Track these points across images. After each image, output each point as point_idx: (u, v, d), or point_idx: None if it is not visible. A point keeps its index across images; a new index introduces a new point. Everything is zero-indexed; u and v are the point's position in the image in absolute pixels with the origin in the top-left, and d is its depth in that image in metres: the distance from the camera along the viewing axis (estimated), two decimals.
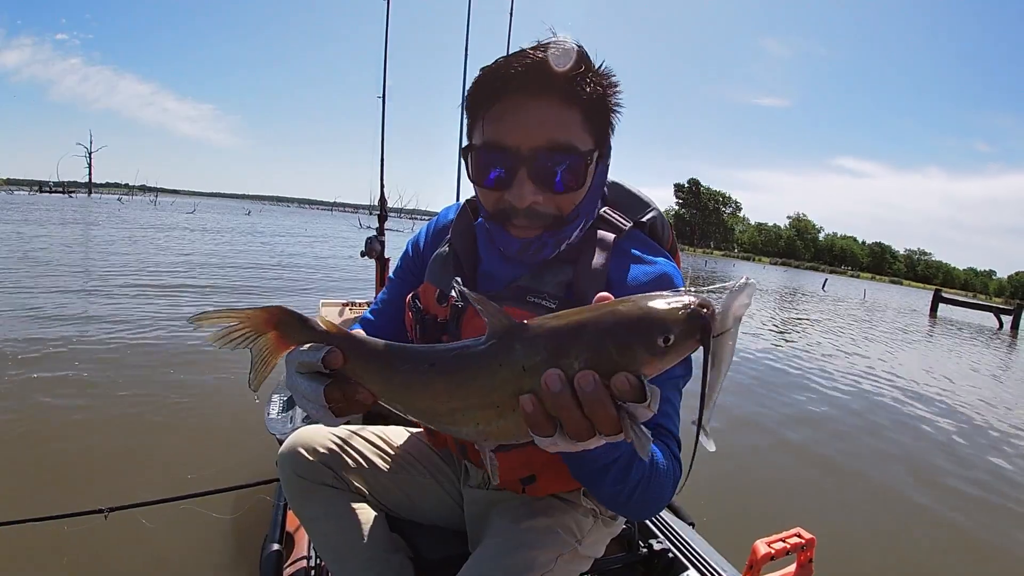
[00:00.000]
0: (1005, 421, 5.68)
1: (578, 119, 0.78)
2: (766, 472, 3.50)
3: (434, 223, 1.09)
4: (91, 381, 3.85)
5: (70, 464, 2.75)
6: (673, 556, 1.46)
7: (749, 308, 0.57)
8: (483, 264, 0.95)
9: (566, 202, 0.82)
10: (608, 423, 0.51)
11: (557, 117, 0.77)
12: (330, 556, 1.06)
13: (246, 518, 2.19)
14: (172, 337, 5.14)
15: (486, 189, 0.83)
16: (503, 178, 0.80)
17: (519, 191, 0.79)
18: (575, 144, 0.78)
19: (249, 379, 0.65)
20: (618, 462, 0.70)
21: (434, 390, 0.58)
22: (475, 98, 0.81)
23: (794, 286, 33.11)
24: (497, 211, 0.84)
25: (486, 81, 0.79)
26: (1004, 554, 2.91)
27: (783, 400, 5.18)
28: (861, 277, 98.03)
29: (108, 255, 10.72)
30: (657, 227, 0.98)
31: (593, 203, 0.88)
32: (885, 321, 15.29)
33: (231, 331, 0.62)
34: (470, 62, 3.28)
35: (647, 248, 0.91)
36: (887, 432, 4.63)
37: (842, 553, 2.61)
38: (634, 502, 0.74)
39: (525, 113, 0.77)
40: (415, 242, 1.09)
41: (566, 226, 0.84)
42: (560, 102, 0.77)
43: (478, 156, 0.82)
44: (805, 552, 1.30)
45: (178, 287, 7.87)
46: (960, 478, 3.84)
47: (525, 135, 0.77)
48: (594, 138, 0.81)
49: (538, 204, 0.80)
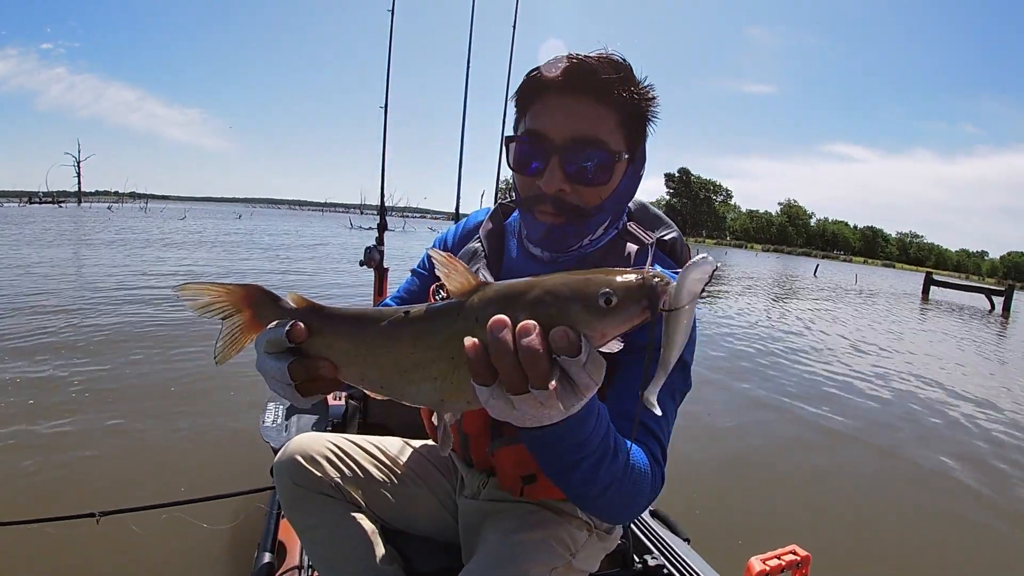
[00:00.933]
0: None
1: (612, 120, 0.85)
2: (762, 488, 3.45)
3: (463, 224, 1.16)
4: (84, 387, 3.85)
5: (62, 469, 2.75)
6: (668, 572, 1.46)
7: (709, 286, 0.57)
8: (510, 260, 1.03)
9: (591, 195, 0.88)
10: (539, 375, 0.53)
11: (592, 114, 0.84)
12: (323, 565, 1.07)
13: (239, 526, 2.19)
14: (166, 343, 5.15)
15: (522, 175, 0.91)
16: (538, 165, 0.88)
17: (550, 177, 0.86)
18: (605, 141, 0.85)
19: (215, 350, 0.68)
20: (585, 460, 0.70)
21: (400, 342, 0.61)
22: (522, 94, 0.90)
23: (787, 273, 33.23)
24: (528, 196, 0.91)
25: (533, 79, 0.88)
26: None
27: (780, 411, 5.04)
28: (854, 261, 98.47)
29: (106, 266, 10.67)
30: (677, 247, 1.03)
31: (619, 204, 0.94)
32: (878, 310, 15.21)
33: (210, 302, 0.66)
34: (471, 69, 3.37)
35: (664, 264, 0.95)
36: (886, 446, 4.45)
37: (838, 571, 2.58)
38: (605, 501, 0.75)
39: (563, 108, 0.85)
40: (443, 240, 1.16)
41: (588, 219, 0.90)
42: (596, 102, 0.84)
43: (518, 145, 0.90)
44: (800, 569, 1.30)
45: (171, 296, 7.80)
46: (966, 493, 3.71)
47: (560, 127, 0.85)
48: (626, 142, 0.88)
49: (564, 193, 0.87)
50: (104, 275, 9.26)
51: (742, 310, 11.93)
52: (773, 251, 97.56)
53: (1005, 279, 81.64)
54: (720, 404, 5.00)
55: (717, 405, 4.94)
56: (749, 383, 5.85)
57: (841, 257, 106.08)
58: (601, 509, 0.79)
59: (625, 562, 1.41)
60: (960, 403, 5.96)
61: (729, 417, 4.75)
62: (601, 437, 0.70)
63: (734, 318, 10.46)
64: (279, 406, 1.98)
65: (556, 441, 0.67)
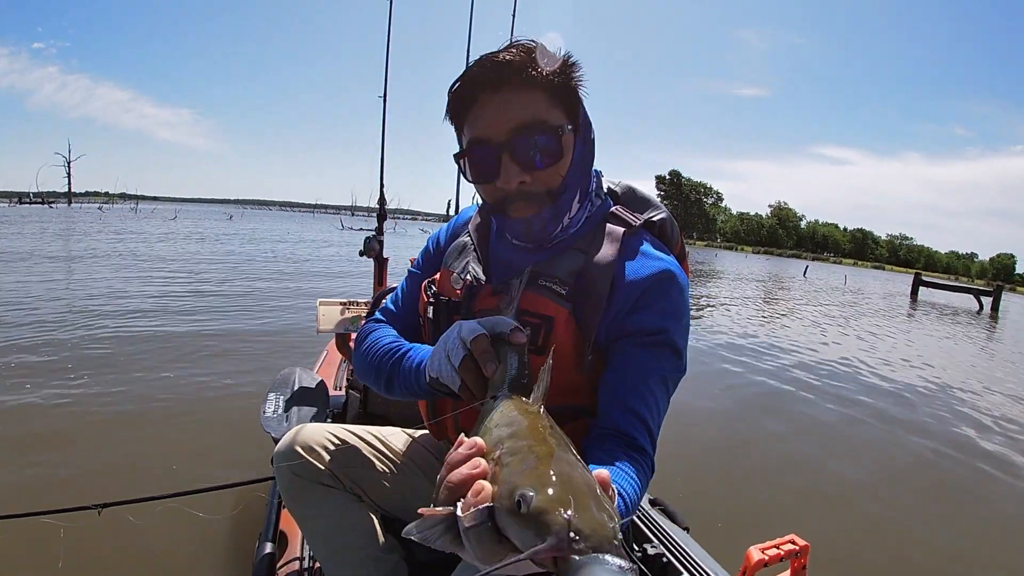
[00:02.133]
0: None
1: (542, 99, 0.85)
2: (761, 477, 3.49)
3: (454, 221, 1.16)
4: (85, 379, 3.86)
5: (64, 460, 2.76)
6: (667, 561, 1.46)
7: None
8: (496, 251, 1.02)
9: (550, 177, 0.88)
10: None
11: (520, 101, 0.84)
12: (324, 555, 1.07)
13: (240, 516, 2.19)
14: (166, 335, 5.17)
15: (481, 184, 0.91)
16: (491, 168, 0.87)
17: (506, 175, 0.86)
18: (544, 120, 0.85)
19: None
20: None
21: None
22: (453, 111, 0.91)
23: (777, 274, 33.39)
24: (496, 201, 0.91)
25: (456, 93, 0.89)
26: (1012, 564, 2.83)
27: (781, 405, 5.07)
28: (844, 263, 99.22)
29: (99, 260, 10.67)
30: (667, 228, 1.02)
31: (582, 175, 0.93)
32: (867, 313, 15.20)
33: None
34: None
35: (653, 245, 0.95)
36: (885, 437, 4.50)
37: (837, 560, 2.59)
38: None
39: (492, 106, 0.85)
40: (436, 238, 1.16)
41: (559, 198, 0.89)
42: (520, 88, 0.84)
43: (468, 158, 0.90)
44: (799, 559, 1.29)
45: (171, 290, 7.84)
46: (964, 484, 3.75)
47: (497, 124, 0.85)
48: (564, 113, 0.87)
49: (526, 184, 0.87)
50: (111, 265, 9.32)
51: (735, 306, 12.05)
52: (763, 253, 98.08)
53: (995, 280, 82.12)
54: (718, 393, 5.09)
55: (715, 393, 5.03)
56: (748, 373, 5.96)
57: (831, 259, 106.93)
58: None
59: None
60: (955, 396, 6.13)
61: (728, 406, 4.81)
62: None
63: (726, 314, 10.59)
64: (279, 397, 1.97)
65: None
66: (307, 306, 7.02)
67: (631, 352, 0.86)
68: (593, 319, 0.86)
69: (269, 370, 3.91)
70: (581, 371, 0.88)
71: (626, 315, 0.86)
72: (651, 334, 0.86)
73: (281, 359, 4.54)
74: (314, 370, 2.55)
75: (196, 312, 6.51)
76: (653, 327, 0.86)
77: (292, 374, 2.05)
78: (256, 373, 4.25)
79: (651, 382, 0.85)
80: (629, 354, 0.86)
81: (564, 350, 0.85)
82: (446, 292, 0.99)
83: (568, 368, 0.87)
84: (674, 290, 0.88)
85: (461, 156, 0.91)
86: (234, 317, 6.42)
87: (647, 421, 0.85)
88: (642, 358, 0.85)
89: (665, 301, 0.87)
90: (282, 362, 4.07)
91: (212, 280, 9.20)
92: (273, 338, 5.54)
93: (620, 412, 0.84)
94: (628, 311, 0.86)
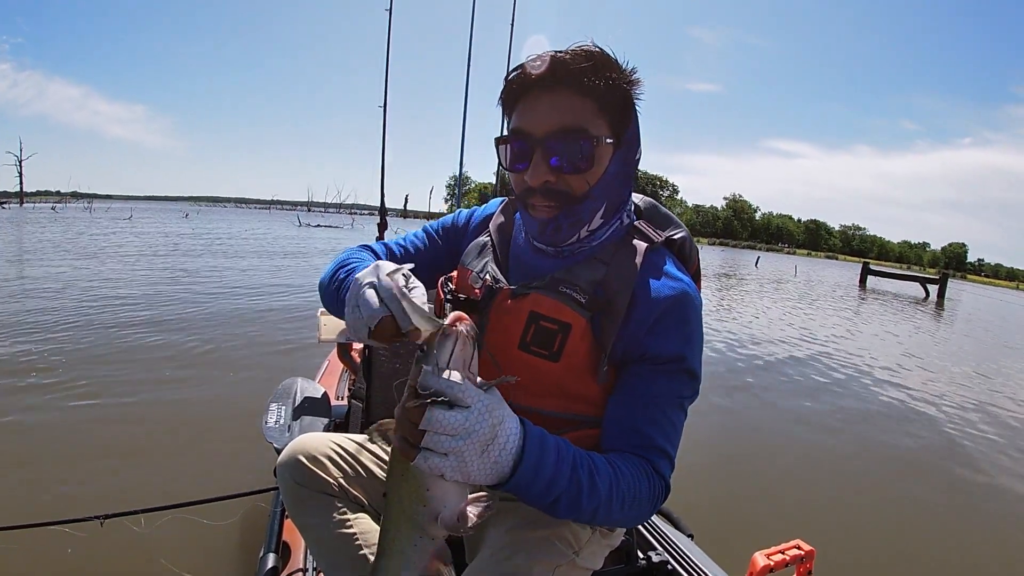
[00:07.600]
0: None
1: (592, 108, 0.86)
2: (765, 483, 3.47)
3: (484, 211, 1.16)
4: (86, 388, 3.80)
5: (66, 471, 2.72)
6: (672, 568, 1.49)
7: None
8: (517, 252, 1.03)
9: (577, 182, 0.89)
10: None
11: (569, 105, 0.86)
12: (326, 564, 1.06)
13: (242, 527, 2.18)
14: (168, 345, 5.07)
15: (513, 172, 0.94)
16: (523, 161, 0.90)
17: (534, 170, 0.88)
18: (585, 128, 0.86)
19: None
20: (562, 497, 0.74)
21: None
22: (505, 97, 0.92)
23: (731, 264, 33.86)
24: (521, 192, 0.93)
25: (512, 82, 0.90)
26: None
27: (783, 408, 5.08)
28: (798, 253, 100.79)
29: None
30: (686, 247, 1.04)
31: (610, 190, 0.93)
32: (818, 304, 15.36)
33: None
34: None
35: (674, 264, 0.97)
36: (890, 440, 4.49)
37: (842, 565, 2.57)
38: (599, 520, 0.80)
39: (541, 104, 0.87)
40: (469, 216, 1.16)
41: (578, 205, 0.90)
42: (573, 93, 0.86)
43: (507, 144, 0.92)
44: (805, 564, 1.30)
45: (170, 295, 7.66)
46: (971, 486, 3.75)
47: (541, 122, 0.87)
48: (610, 127, 0.89)
49: (551, 183, 0.89)
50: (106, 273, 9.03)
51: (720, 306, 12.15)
52: (719, 244, 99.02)
53: (946, 269, 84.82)
54: (724, 400, 5.08)
55: (720, 399, 5.01)
56: (748, 379, 5.95)
57: (785, 249, 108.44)
58: (599, 523, 0.84)
59: (629, 559, 1.44)
60: (948, 398, 6.10)
61: (731, 412, 4.77)
62: (567, 477, 0.73)
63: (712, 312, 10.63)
64: (281, 407, 1.95)
65: (523, 490, 0.72)
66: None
67: (649, 378, 0.88)
68: (611, 331, 0.87)
69: (271, 380, 3.84)
70: (595, 381, 0.90)
71: (644, 335, 0.88)
72: (669, 361, 0.87)
73: (283, 372, 4.46)
74: (316, 380, 2.53)
75: (199, 322, 6.31)
76: (671, 354, 0.87)
77: (294, 384, 2.04)
78: (257, 383, 4.18)
79: (668, 408, 0.87)
80: (647, 380, 0.88)
81: (579, 358, 0.88)
82: (464, 291, 0.98)
83: (581, 376, 0.89)
84: (691, 313, 0.90)
85: (503, 141, 0.93)
86: (233, 327, 6.22)
87: (663, 448, 0.87)
88: (660, 385, 0.88)
89: (683, 327, 0.89)
90: (284, 373, 3.99)
91: (207, 291, 8.84)
92: (275, 348, 5.41)
93: (638, 440, 0.86)
94: (646, 331, 0.88)
